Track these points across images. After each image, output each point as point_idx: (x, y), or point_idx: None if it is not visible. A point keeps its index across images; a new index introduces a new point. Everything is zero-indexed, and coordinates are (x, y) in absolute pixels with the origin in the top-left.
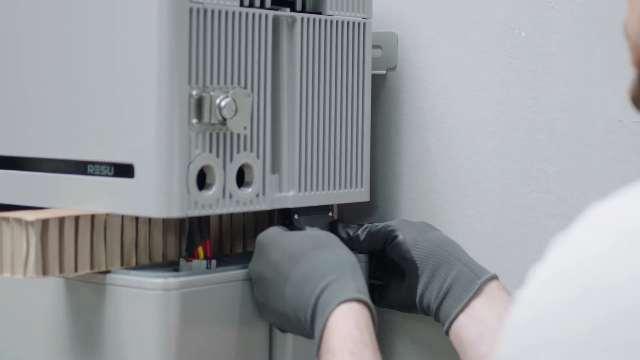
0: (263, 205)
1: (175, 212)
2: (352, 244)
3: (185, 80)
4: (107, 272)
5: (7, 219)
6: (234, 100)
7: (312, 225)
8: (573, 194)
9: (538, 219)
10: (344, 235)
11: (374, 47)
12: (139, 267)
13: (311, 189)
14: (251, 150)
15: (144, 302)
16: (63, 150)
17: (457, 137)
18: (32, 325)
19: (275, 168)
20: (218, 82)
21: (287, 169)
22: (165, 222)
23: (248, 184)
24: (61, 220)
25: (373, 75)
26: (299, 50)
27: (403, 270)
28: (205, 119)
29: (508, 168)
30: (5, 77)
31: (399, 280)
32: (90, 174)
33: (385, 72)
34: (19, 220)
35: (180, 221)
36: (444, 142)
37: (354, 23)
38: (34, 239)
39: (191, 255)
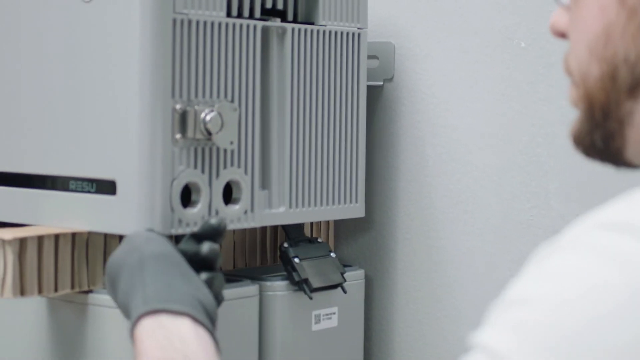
0: (251, 223)
1: (159, 230)
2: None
3: (168, 94)
4: (90, 291)
5: None
6: (219, 114)
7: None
8: (573, 210)
9: (538, 236)
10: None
11: (371, 57)
12: None
13: (302, 205)
14: (239, 166)
15: (125, 323)
16: (45, 166)
17: (456, 151)
18: (14, 344)
19: (265, 184)
20: (203, 96)
21: (277, 184)
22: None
23: (236, 201)
24: (40, 239)
25: (369, 87)
26: (289, 62)
27: None
28: (190, 133)
29: (507, 183)
30: None
31: None
32: (72, 190)
33: (382, 83)
34: None
35: (169, 237)
36: (442, 156)
37: (347, 33)
38: (11, 257)
39: None
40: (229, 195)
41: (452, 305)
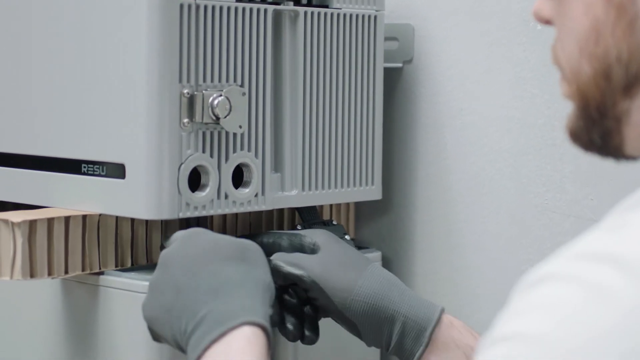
0: (262, 206)
1: (166, 214)
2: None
3: (175, 79)
4: (101, 273)
5: None
6: (227, 98)
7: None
8: (588, 195)
9: (553, 219)
10: None
11: (390, 39)
12: (134, 267)
13: (316, 188)
14: (249, 150)
15: (136, 305)
16: (58, 149)
17: (473, 134)
18: (28, 324)
19: (278, 167)
20: (212, 80)
21: (290, 167)
22: (165, 221)
23: (246, 184)
24: (50, 221)
25: (389, 69)
26: (302, 46)
27: (339, 322)
28: (197, 118)
29: (523, 166)
30: (3, 79)
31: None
32: (84, 174)
33: (401, 65)
34: (5, 222)
35: (180, 220)
36: (459, 139)
37: (364, 16)
38: (20, 240)
39: None
40: (240, 178)
41: (469, 288)
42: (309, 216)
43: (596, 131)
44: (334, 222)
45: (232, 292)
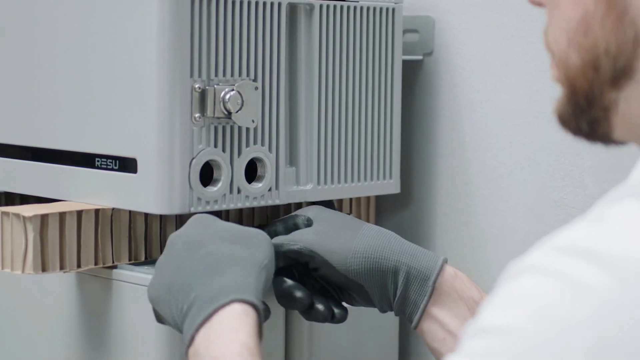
0: (276, 200)
1: (177, 208)
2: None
3: (187, 73)
4: (115, 266)
5: (7, 214)
6: (239, 93)
7: None
8: (607, 190)
9: (571, 214)
10: None
11: (410, 31)
12: (148, 261)
13: (332, 182)
14: (262, 144)
15: (146, 299)
16: (73, 142)
17: (492, 127)
18: (42, 316)
19: (293, 161)
20: (224, 75)
21: (305, 161)
22: (179, 215)
23: (260, 179)
24: (62, 215)
25: (409, 61)
26: (317, 39)
27: (346, 288)
28: (209, 113)
29: (542, 160)
30: (18, 72)
31: (349, 294)
32: (97, 168)
33: (421, 57)
34: (17, 216)
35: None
36: (478, 132)
37: (381, 9)
38: (32, 234)
39: None
40: (254, 173)
41: (487, 281)
42: None
43: (584, 119)
44: (351, 215)
45: (225, 270)
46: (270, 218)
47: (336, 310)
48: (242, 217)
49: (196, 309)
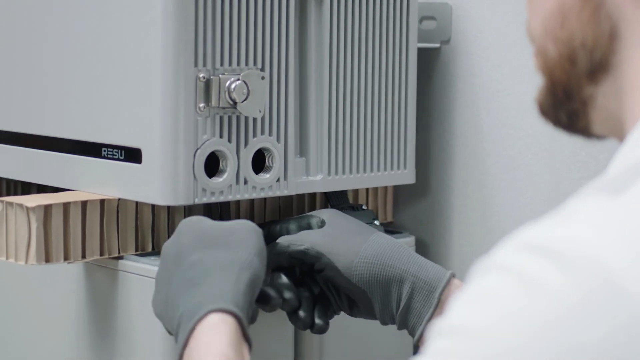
0: (284, 191)
1: (181, 199)
2: (277, 262)
3: (191, 63)
4: (121, 257)
5: (11, 204)
6: (245, 82)
7: None
8: None
9: None
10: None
11: (428, 18)
12: (155, 252)
13: (343, 172)
14: (270, 134)
15: (152, 290)
16: (80, 132)
17: (509, 117)
18: (49, 305)
19: (303, 151)
20: (230, 64)
21: (315, 151)
22: (188, 205)
23: (267, 169)
24: (66, 206)
25: (426, 49)
26: (328, 25)
27: (348, 293)
28: (214, 103)
29: (558, 151)
30: (25, 61)
31: (348, 297)
32: (104, 157)
33: (439, 45)
34: (21, 206)
35: (204, 205)
36: (495, 122)
37: None
38: (35, 225)
39: None
40: (262, 163)
41: None
42: (337, 200)
43: (563, 111)
44: (364, 207)
45: (205, 281)
46: (282, 210)
47: (317, 321)
48: (254, 208)
49: (182, 326)
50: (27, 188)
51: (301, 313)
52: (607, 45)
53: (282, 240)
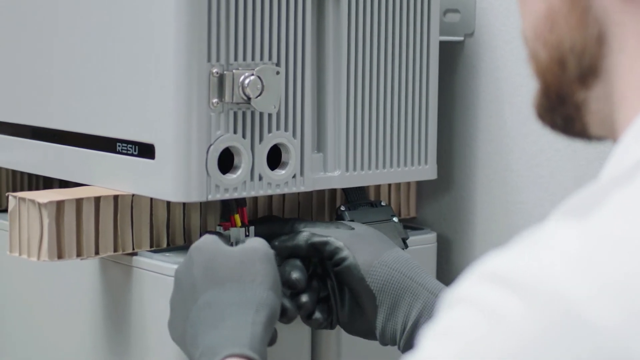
0: (301, 187)
1: (194, 196)
2: (294, 252)
3: (204, 57)
4: (135, 253)
5: (23, 199)
6: (259, 78)
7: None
8: None
9: None
10: (284, 238)
11: (452, 11)
12: (170, 248)
13: (361, 168)
14: (286, 130)
15: (165, 287)
16: (95, 126)
17: (532, 112)
18: (64, 300)
19: (320, 147)
20: (244, 59)
21: (333, 147)
22: (204, 202)
23: (283, 165)
24: (78, 202)
25: (450, 42)
26: (346, 19)
27: (357, 296)
28: (227, 98)
29: (580, 148)
30: (40, 56)
31: (352, 305)
32: (118, 152)
33: (462, 38)
34: (33, 202)
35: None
36: (518, 116)
37: None
38: (47, 221)
39: (227, 220)
40: (279, 159)
41: None
42: (356, 197)
43: (558, 115)
44: (382, 203)
45: (221, 323)
46: (302, 206)
47: (317, 314)
48: (272, 204)
49: None
50: (49, 183)
51: (304, 299)
52: (595, 49)
53: (305, 232)
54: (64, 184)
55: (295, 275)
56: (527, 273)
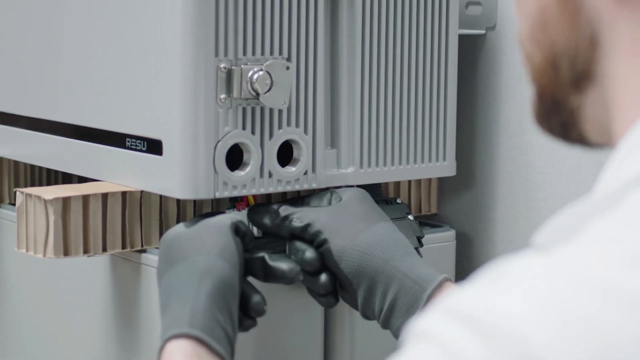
0: (312, 184)
1: (202, 193)
2: (277, 230)
3: (211, 52)
4: (144, 250)
5: (30, 195)
6: (268, 73)
7: None
8: None
9: None
10: (267, 221)
11: (473, 4)
12: None
13: (377, 165)
14: (297, 126)
15: None
16: (105, 121)
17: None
18: (73, 297)
19: (334, 143)
20: (253, 54)
21: (347, 143)
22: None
23: (294, 162)
24: (85, 198)
25: (471, 36)
26: (360, 12)
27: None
28: (235, 94)
29: None
30: (49, 51)
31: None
32: (127, 148)
33: (484, 31)
34: (39, 198)
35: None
36: None
37: None
38: (53, 217)
39: (233, 207)
40: (291, 155)
41: None
42: (370, 194)
43: (554, 121)
44: (398, 201)
45: (167, 306)
46: None
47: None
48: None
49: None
50: (67, 178)
51: (323, 277)
52: (589, 52)
53: (283, 212)
54: (83, 179)
55: (308, 255)
56: (490, 313)
